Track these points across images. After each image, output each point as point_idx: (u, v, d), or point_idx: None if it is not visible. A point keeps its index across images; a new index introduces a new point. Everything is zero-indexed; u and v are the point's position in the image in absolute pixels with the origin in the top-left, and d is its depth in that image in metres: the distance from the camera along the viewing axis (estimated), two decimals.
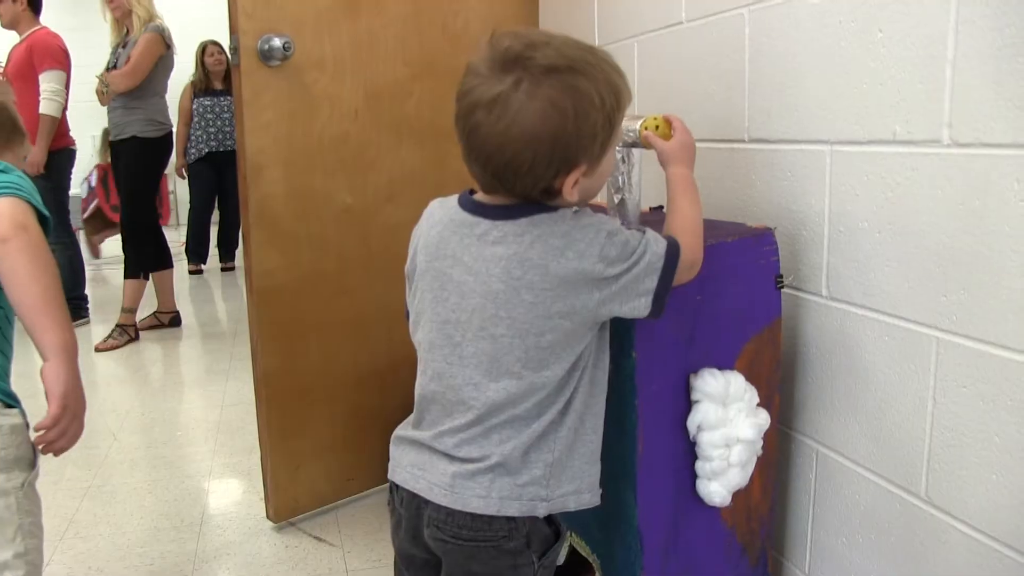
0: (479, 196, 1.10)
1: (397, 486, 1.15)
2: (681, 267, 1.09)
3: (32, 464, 1.25)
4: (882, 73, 1.20)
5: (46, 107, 4.12)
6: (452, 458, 1.08)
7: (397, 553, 1.20)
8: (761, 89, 1.46)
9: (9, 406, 1.24)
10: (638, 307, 1.06)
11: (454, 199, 1.13)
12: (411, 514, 1.13)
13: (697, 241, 1.16)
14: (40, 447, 1.18)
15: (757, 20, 1.45)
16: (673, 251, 1.08)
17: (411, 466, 1.13)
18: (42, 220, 1.25)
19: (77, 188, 5.70)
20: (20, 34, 4.22)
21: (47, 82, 4.11)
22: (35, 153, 4.10)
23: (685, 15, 1.65)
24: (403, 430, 1.20)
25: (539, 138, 0.98)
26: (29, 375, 1.25)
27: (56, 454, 1.19)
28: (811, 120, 1.35)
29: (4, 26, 4.21)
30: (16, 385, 1.30)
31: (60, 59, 4.20)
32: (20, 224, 1.19)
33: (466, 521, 1.06)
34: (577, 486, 1.10)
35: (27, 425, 1.25)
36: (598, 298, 1.04)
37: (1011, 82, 1.00)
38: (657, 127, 1.24)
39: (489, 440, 1.06)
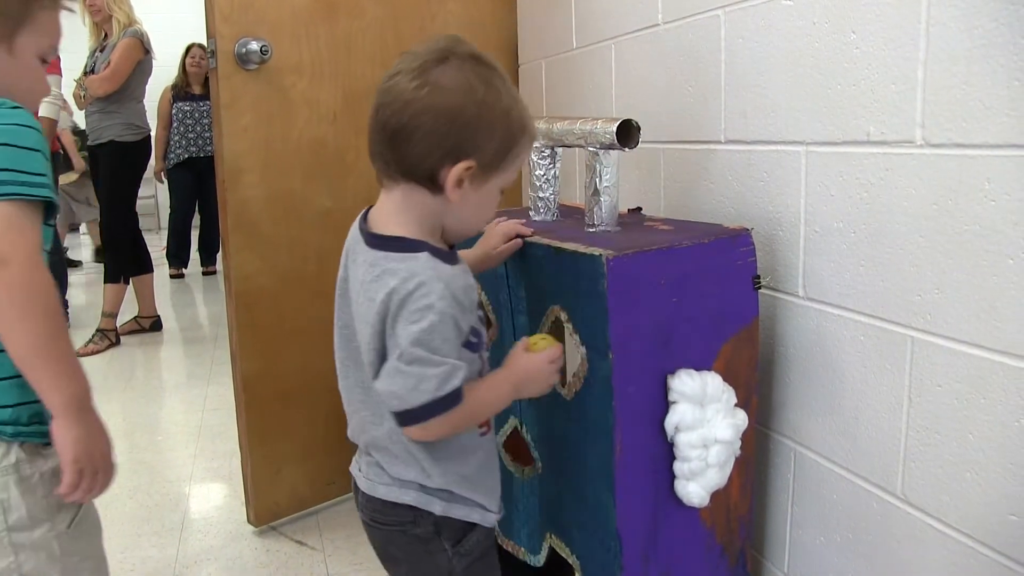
0: (371, 213, 1.12)
1: None
2: (447, 418, 1.03)
3: None
4: (855, 74, 1.21)
5: (47, 110, 4.12)
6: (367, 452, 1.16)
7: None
8: (737, 90, 1.47)
9: (48, 443, 1.07)
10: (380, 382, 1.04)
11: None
12: (355, 500, 1.21)
13: (474, 416, 1.10)
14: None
15: (733, 22, 1.46)
16: (445, 402, 1.01)
17: (354, 458, 1.22)
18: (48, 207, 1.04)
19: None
20: None
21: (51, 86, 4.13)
22: None
23: (662, 17, 1.66)
24: None
25: (442, 108, 1.00)
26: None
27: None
28: (786, 121, 1.36)
29: None
30: None
31: (57, 64, 4.21)
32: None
33: (378, 506, 1.13)
34: (476, 502, 1.14)
35: None
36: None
37: (981, 83, 1.01)
38: (536, 344, 1.16)
39: (383, 456, 1.13)
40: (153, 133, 4.22)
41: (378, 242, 1.06)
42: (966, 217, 1.06)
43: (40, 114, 4.09)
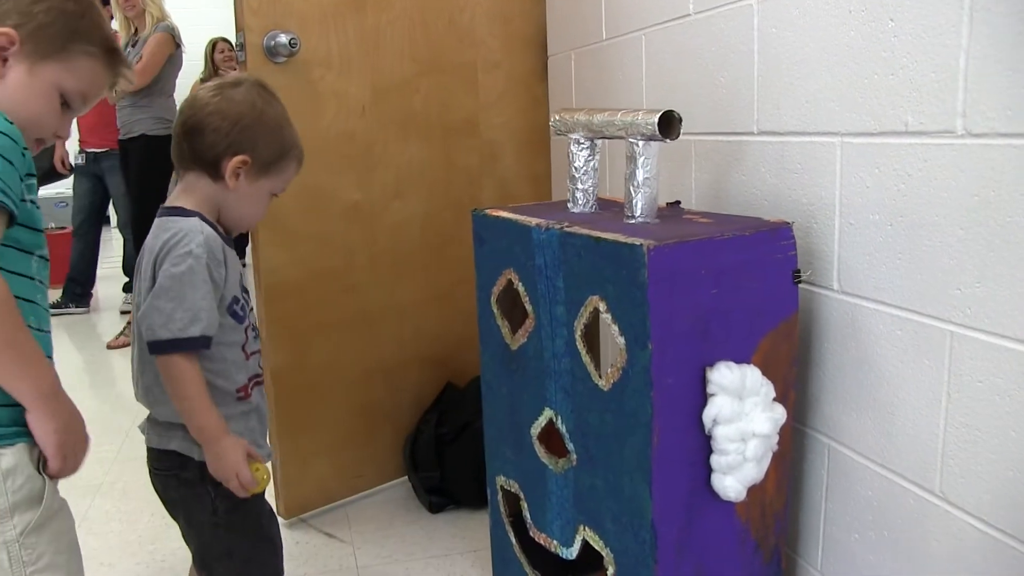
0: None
1: None
2: (171, 364, 1.24)
3: (39, 498, 1.05)
4: (893, 63, 1.18)
5: None
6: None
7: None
8: (770, 81, 1.44)
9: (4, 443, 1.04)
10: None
11: None
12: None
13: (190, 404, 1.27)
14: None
15: (766, 11, 1.43)
16: (188, 343, 1.23)
17: None
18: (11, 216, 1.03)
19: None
20: None
21: None
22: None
23: (693, 7, 1.64)
24: None
25: (228, 112, 1.30)
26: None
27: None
28: (821, 112, 1.33)
29: None
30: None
31: None
32: None
33: (154, 455, 1.37)
34: None
35: (31, 450, 1.05)
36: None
37: None
38: (262, 474, 1.32)
39: (153, 402, 1.34)
40: None
41: (164, 211, 1.33)
42: (1009, 208, 1.03)
43: None
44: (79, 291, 4.69)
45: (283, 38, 1.91)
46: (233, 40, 2.08)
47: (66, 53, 1.12)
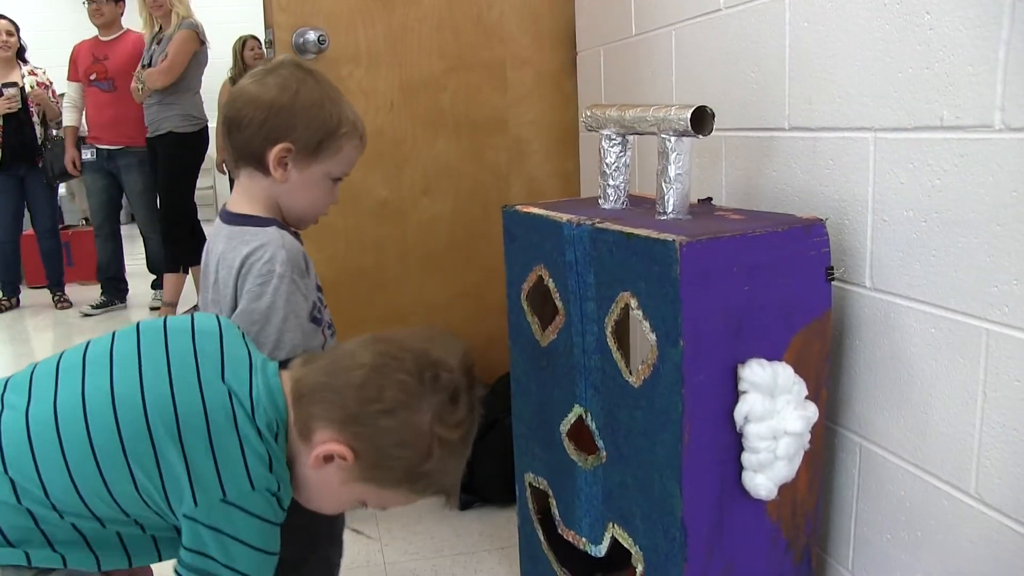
0: (229, 199, 1.32)
1: None
2: None
3: None
4: (929, 57, 1.17)
5: (71, 119, 4.42)
6: None
7: None
8: (802, 76, 1.43)
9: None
10: None
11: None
12: None
13: None
14: None
15: (797, 5, 1.42)
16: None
17: None
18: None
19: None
20: (112, 34, 4.40)
21: None
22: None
23: (724, 2, 1.63)
24: None
25: (261, 100, 1.23)
26: None
27: None
28: (854, 107, 1.32)
29: (101, 24, 4.38)
30: None
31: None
32: None
33: None
34: None
35: None
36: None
37: None
38: None
39: None
40: (212, 125, 4.28)
41: (234, 219, 1.27)
42: None
43: (65, 123, 4.33)
44: (118, 287, 4.75)
45: (312, 35, 1.92)
46: (262, 38, 2.09)
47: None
